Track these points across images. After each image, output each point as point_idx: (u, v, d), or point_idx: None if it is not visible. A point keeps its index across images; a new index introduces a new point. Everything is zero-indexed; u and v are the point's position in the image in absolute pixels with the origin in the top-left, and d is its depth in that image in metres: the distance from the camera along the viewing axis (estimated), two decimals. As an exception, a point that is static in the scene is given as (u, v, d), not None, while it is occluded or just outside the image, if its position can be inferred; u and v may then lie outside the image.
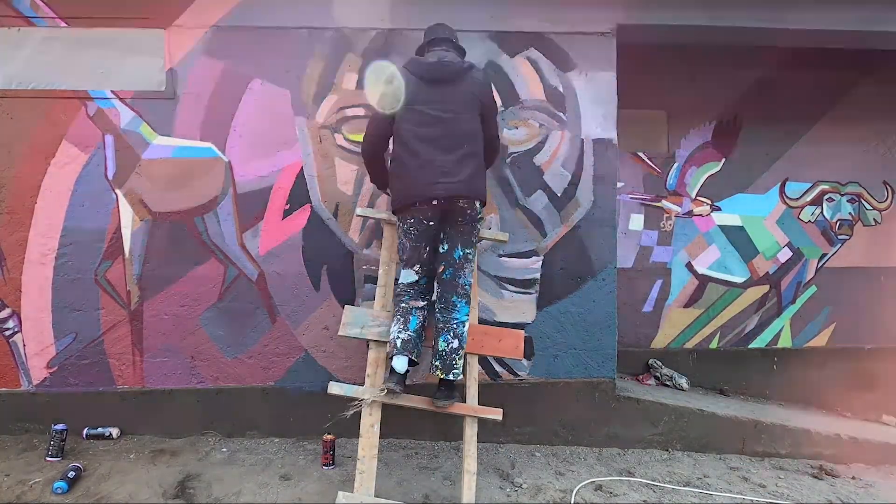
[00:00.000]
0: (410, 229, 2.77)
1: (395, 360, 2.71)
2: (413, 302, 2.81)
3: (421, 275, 2.84)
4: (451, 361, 2.76)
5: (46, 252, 3.31)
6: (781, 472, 3.40)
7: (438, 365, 2.76)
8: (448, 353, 2.75)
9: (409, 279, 2.84)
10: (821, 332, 4.73)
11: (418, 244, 2.79)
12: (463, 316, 2.81)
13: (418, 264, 2.83)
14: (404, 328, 2.75)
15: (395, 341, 2.74)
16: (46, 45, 3.32)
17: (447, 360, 2.75)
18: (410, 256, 2.82)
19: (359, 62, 3.42)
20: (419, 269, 2.84)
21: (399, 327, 2.76)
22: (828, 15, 3.61)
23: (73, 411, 3.29)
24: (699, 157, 4.59)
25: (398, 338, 2.73)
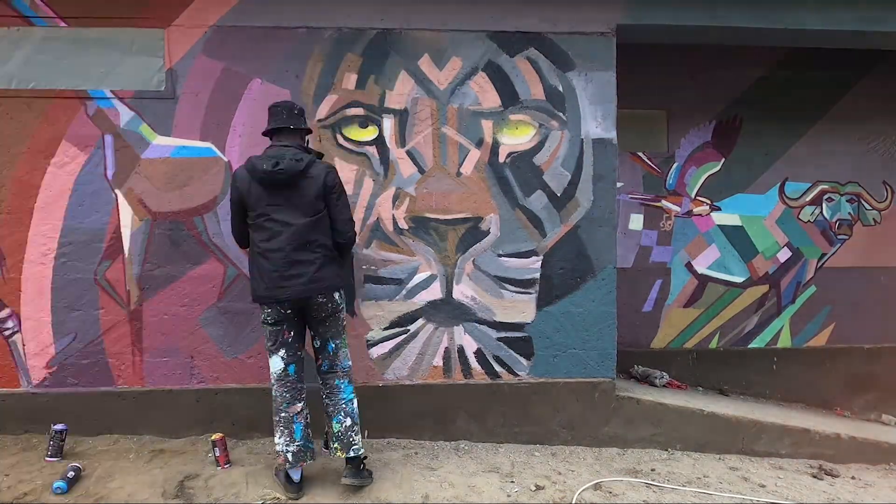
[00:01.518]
0: (268, 318, 2.80)
1: (293, 472, 2.81)
2: (291, 408, 2.81)
3: (287, 360, 2.82)
4: (348, 440, 2.82)
5: (46, 252, 3.31)
6: (781, 472, 3.40)
7: (337, 446, 2.83)
8: (344, 433, 2.82)
9: (277, 367, 2.82)
10: (820, 331, 4.73)
11: (279, 329, 2.81)
12: (349, 394, 2.89)
13: (283, 349, 2.82)
14: (291, 440, 2.78)
15: (286, 455, 2.77)
16: (46, 44, 3.32)
17: (344, 440, 2.82)
18: (275, 342, 2.82)
19: (359, 61, 3.42)
20: (284, 354, 2.82)
21: (286, 440, 2.78)
22: (827, 15, 3.61)
23: (72, 411, 3.28)
24: (699, 157, 4.60)
25: (287, 451, 2.77)
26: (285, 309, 2.78)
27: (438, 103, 3.45)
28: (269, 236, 2.73)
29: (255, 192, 2.74)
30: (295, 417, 2.81)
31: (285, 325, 2.81)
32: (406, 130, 3.45)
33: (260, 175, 2.71)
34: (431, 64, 3.45)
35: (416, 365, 3.50)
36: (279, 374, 2.83)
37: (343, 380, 2.89)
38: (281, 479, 2.83)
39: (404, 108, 3.44)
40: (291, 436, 2.79)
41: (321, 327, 2.86)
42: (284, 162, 2.71)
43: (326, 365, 2.90)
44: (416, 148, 3.46)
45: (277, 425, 2.80)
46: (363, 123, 3.43)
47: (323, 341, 2.89)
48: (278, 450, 2.79)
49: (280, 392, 2.82)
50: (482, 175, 3.48)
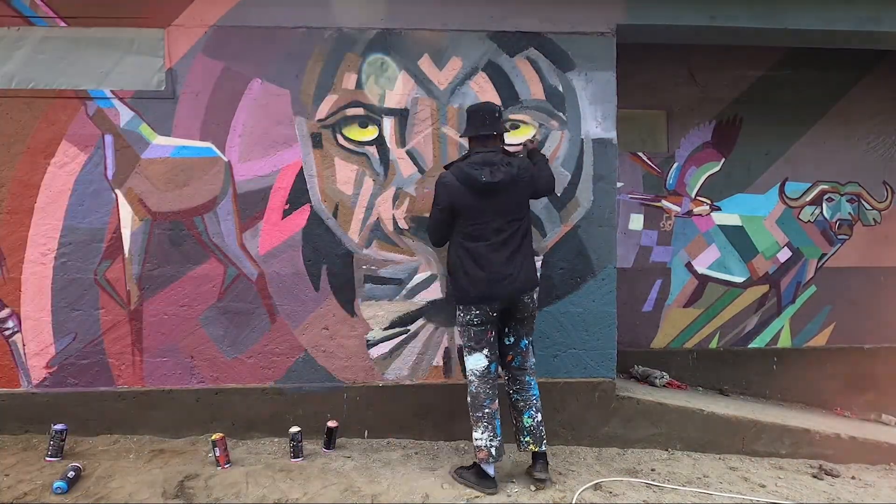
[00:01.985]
0: (475, 319, 2.88)
1: (489, 468, 2.87)
2: (493, 405, 2.90)
3: (490, 359, 2.92)
4: (540, 434, 2.95)
5: (46, 252, 3.31)
6: (781, 472, 3.40)
7: (529, 440, 2.94)
8: (535, 427, 2.94)
9: (480, 364, 2.91)
10: (820, 331, 4.73)
11: (484, 328, 2.90)
12: (537, 391, 3.02)
13: (487, 348, 2.92)
14: (494, 435, 2.86)
15: (489, 450, 2.84)
16: (46, 44, 3.32)
17: (536, 434, 2.94)
18: (478, 342, 2.91)
19: (358, 61, 3.42)
20: (488, 353, 2.92)
21: (489, 435, 2.85)
22: (827, 15, 3.61)
23: (72, 411, 3.29)
24: (699, 157, 4.59)
25: (491, 446, 2.84)
26: (493, 310, 2.87)
27: (438, 103, 3.45)
28: (482, 239, 2.84)
29: (467, 201, 2.83)
30: (496, 413, 2.89)
31: (490, 325, 2.90)
32: (406, 130, 3.45)
33: (480, 186, 2.80)
34: (431, 64, 3.45)
35: (417, 365, 3.50)
36: (482, 372, 2.90)
37: (533, 377, 3.01)
38: (471, 478, 2.89)
39: (404, 108, 3.44)
40: (494, 431, 2.85)
41: (520, 325, 2.97)
42: (500, 171, 2.83)
43: (518, 361, 3.00)
44: (417, 148, 3.46)
45: (480, 421, 2.86)
46: (363, 123, 3.43)
47: (517, 338, 2.99)
48: (480, 444, 2.84)
49: (483, 388, 2.89)
50: (482, 175, 3.48)
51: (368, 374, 3.48)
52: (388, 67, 3.43)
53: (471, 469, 2.93)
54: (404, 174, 3.45)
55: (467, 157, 2.93)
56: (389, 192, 3.45)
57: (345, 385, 3.47)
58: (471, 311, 2.88)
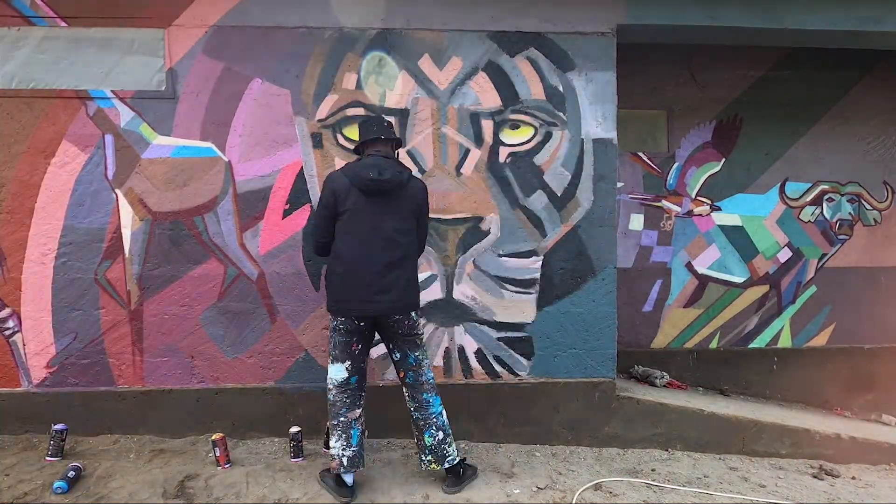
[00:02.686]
0: (340, 327, 2.79)
1: (347, 476, 2.79)
2: (350, 413, 2.79)
3: (351, 372, 2.81)
4: (441, 452, 2.86)
5: (46, 252, 3.31)
6: (781, 472, 3.40)
7: (430, 459, 2.86)
8: (437, 446, 2.86)
9: (339, 375, 2.81)
10: (821, 331, 4.73)
11: (349, 340, 2.80)
12: (438, 407, 2.90)
13: (349, 361, 2.81)
14: (347, 445, 2.76)
15: (341, 458, 2.75)
16: (46, 44, 3.32)
17: (438, 453, 2.86)
18: (341, 352, 2.81)
19: (359, 62, 3.42)
20: (349, 366, 2.81)
21: (342, 444, 2.76)
22: (828, 15, 3.61)
23: (73, 411, 3.29)
24: (699, 157, 4.60)
25: (343, 455, 2.75)
26: (360, 321, 2.77)
27: (439, 103, 3.46)
28: (360, 246, 2.73)
29: (352, 199, 2.74)
30: (353, 423, 2.80)
31: (356, 337, 2.81)
32: (406, 130, 3.45)
33: (366, 182, 2.73)
34: (431, 64, 3.45)
35: (417, 365, 3.50)
36: (340, 382, 2.81)
37: (430, 393, 2.90)
38: (330, 484, 2.80)
39: (405, 108, 3.44)
40: (349, 440, 2.77)
41: (400, 341, 2.87)
42: (388, 172, 2.75)
43: (411, 377, 2.89)
44: (417, 148, 3.46)
45: (335, 429, 2.78)
46: (363, 123, 3.43)
47: (403, 353, 2.89)
48: (333, 453, 2.77)
49: (340, 397, 2.80)
50: (482, 175, 3.48)
51: (368, 374, 3.47)
52: (386, 64, 3.43)
53: (331, 475, 2.82)
54: (404, 174, 3.45)
55: (358, 160, 2.87)
56: (390, 192, 3.45)
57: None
58: (337, 318, 2.79)
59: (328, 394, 2.84)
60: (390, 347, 2.92)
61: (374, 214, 2.75)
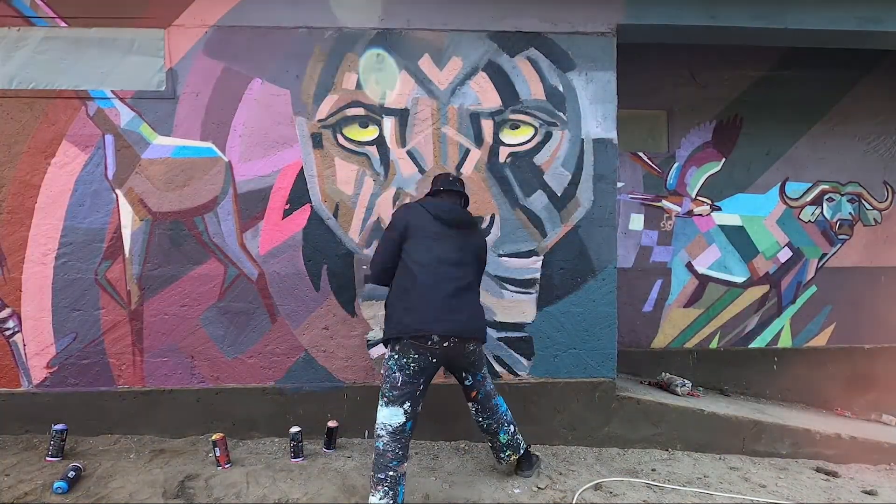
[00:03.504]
0: (411, 364, 2.60)
1: None
2: (401, 467, 2.57)
3: (409, 416, 2.61)
4: (516, 443, 3.00)
5: (46, 252, 3.31)
6: (781, 472, 3.40)
7: (510, 452, 3.00)
8: (511, 439, 2.98)
9: (395, 420, 2.57)
10: (821, 331, 4.73)
11: (415, 380, 2.62)
12: (503, 405, 2.99)
13: (408, 402, 2.60)
14: (395, 503, 2.53)
15: None
16: (46, 44, 3.32)
17: (514, 444, 3.00)
18: (402, 393, 2.60)
19: (359, 61, 3.42)
20: (409, 409, 2.61)
21: (388, 501, 2.51)
22: (828, 15, 3.61)
23: (73, 411, 3.29)
24: (699, 157, 4.60)
25: None
26: (433, 356, 2.62)
27: (439, 103, 3.46)
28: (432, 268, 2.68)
29: (426, 223, 2.76)
30: (402, 478, 2.58)
31: (424, 376, 2.64)
32: (406, 130, 3.45)
33: (442, 211, 2.80)
34: (432, 64, 3.45)
35: (417, 365, 3.50)
36: (395, 429, 2.57)
37: (496, 398, 2.96)
38: None
39: (405, 108, 3.44)
40: (395, 498, 2.53)
41: (471, 367, 2.84)
42: (460, 213, 2.87)
43: (483, 392, 2.91)
44: (417, 148, 3.46)
45: (381, 483, 2.53)
46: (363, 123, 3.43)
47: (474, 375, 2.88)
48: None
49: (392, 447, 2.56)
50: (482, 175, 3.48)
51: (369, 374, 3.48)
52: (385, 61, 3.42)
53: None
54: (404, 174, 3.45)
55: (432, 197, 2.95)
56: (390, 193, 3.45)
57: (345, 385, 3.47)
58: (408, 355, 2.59)
59: (377, 440, 2.58)
60: (463, 377, 2.88)
61: (446, 242, 2.76)
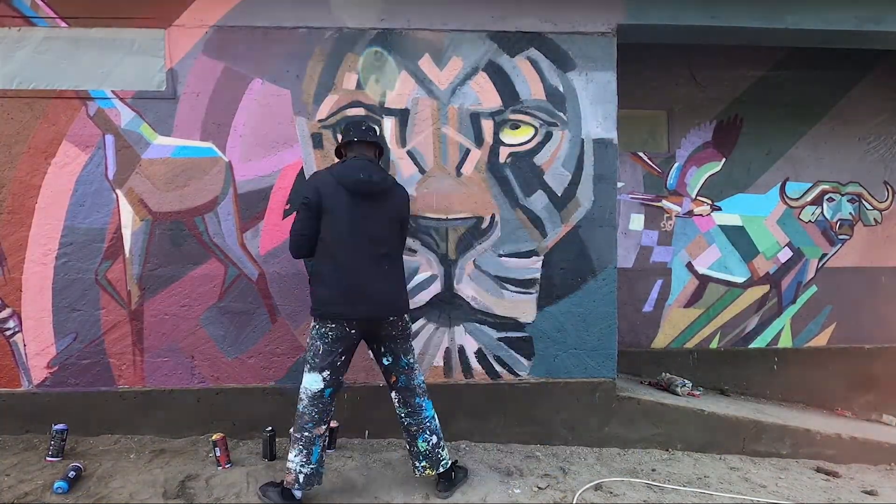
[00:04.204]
0: (330, 334, 2.67)
1: (297, 492, 2.66)
2: (316, 429, 2.67)
3: (328, 383, 2.69)
4: (436, 457, 2.82)
5: (47, 252, 3.31)
6: (782, 472, 3.40)
7: (426, 464, 2.82)
8: (431, 451, 2.82)
9: (314, 385, 2.67)
10: (821, 331, 4.73)
11: (333, 349, 2.68)
12: (430, 411, 2.86)
13: (328, 371, 2.68)
14: (307, 461, 2.64)
15: (297, 475, 2.63)
16: (47, 44, 3.32)
17: (432, 457, 2.82)
18: (322, 361, 2.68)
19: (359, 62, 3.42)
20: (328, 376, 2.69)
21: (301, 459, 2.63)
22: (828, 15, 3.61)
23: (73, 411, 3.29)
24: (699, 157, 4.60)
25: (301, 472, 2.63)
26: (352, 328, 2.69)
27: (439, 103, 3.46)
28: (350, 247, 2.66)
29: (340, 199, 2.66)
30: (317, 439, 2.68)
31: (343, 346, 2.70)
32: (407, 130, 3.45)
33: (355, 182, 2.67)
34: (432, 64, 3.45)
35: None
36: (314, 393, 2.68)
37: (423, 397, 2.85)
38: (275, 497, 2.67)
39: (405, 108, 3.44)
40: (309, 457, 2.65)
41: (393, 344, 2.81)
42: (376, 175, 2.72)
43: (404, 380, 2.83)
44: (417, 148, 3.46)
45: (296, 442, 2.66)
46: (364, 123, 3.43)
47: (394, 357, 2.82)
48: (290, 467, 2.65)
49: (309, 410, 2.68)
50: (482, 175, 3.48)
51: (369, 374, 3.48)
52: (384, 59, 3.42)
53: (277, 487, 2.70)
54: (405, 174, 3.45)
55: (343, 162, 2.83)
56: (390, 193, 3.45)
57: (345, 385, 3.46)
58: (326, 325, 2.66)
59: (299, 403, 2.71)
60: (381, 352, 2.83)
61: (360, 216, 2.68)
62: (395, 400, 2.87)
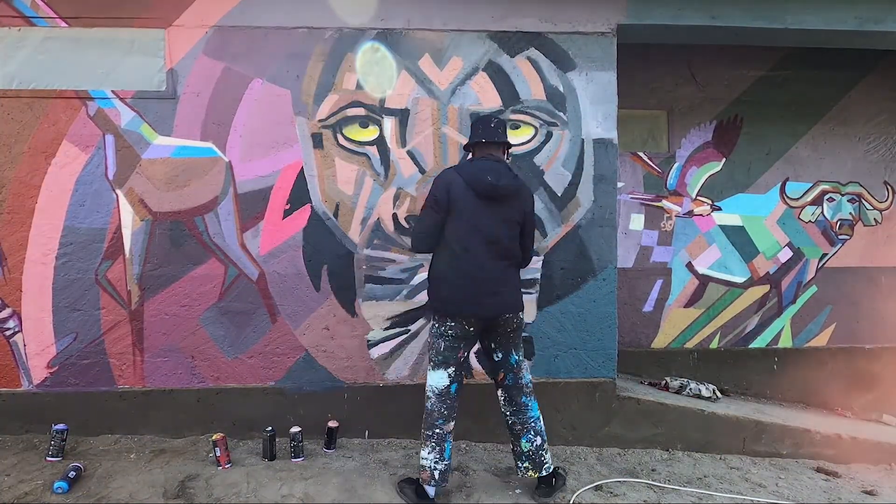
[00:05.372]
0: (450, 332, 2.73)
1: (430, 489, 2.72)
2: (447, 426, 2.74)
3: (453, 379, 2.76)
4: (539, 459, 2.82)
5: (47, 252, 3.31)
6: (782, 472, 3.40)
7: (528, 466, 2.82)
8: (535, 452, 2.81)
9: (440, 383, 2.74)
10: (821, 332, 4.73)
11: (457, 346, 2.75)
12: (536, 412, 2.87)
13: (453, 367, 2.76)
14: (440, 458, 2.70)
15: (432, 472, 2.69)
16: (47, 44, 3.32)
17: (536, 459, 2.81)
18: (447, 358, 2.74)
19: (359, 62, 3.42)
20: (453, 373, 2.76)
21: (435, 456, 2.70)
22: (828, 15, 3.61)
23: (73, 411, 3.29)
24: (700, 157, 4.60)
25: (435, 468, 2.69)
26: (471, 325, 2.72)
27: (439, 103, 3.46)
28: (474, 248, 2.68)
29: (468, 201, 2.67)
30: (448, 435, 2.74)
31: (464, 343, 2.75)
32: (407, 130, 3.45)
33: (483, 185, 2.67)
34: (432, 64, 3.45)
35: (417, 365, 3.50)
36: (441, 391, 2.74)
37: (530, 397, 2.86)
38: (410, 494, 2.74)
39: (405, 108, 3.44)
40: (442, 453, 2.70)
41: (506, 340, 2.83)
42: (505, 178, 2.71)
43: (511, 378, 2.85)
44: (417, 148, 3.46)
45: (429, 440, 2.71)
46: (364, 123, 3.43)
47: (505, 353, 2.84)
48: (425, 465, 2.69)
49: (439, 407, 2.73)
50: (483, 175, 3.48)
51: (369, 374, 3.48)
52: (384, 58, 3.42)
53: (412, 485, 2.78)
54: (405, 174, 3.45)
55: (471, 161, 2.83)
56: (390, 193, 3.45)
57: (345, 385, 3.47)
58: (446, 323, 2.73)
59: (426, 402, 2.76)
60: (492, 348, 2.85)
61: (486, 218, 2.69)
62: (501, 398, 2.89)
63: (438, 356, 2.75)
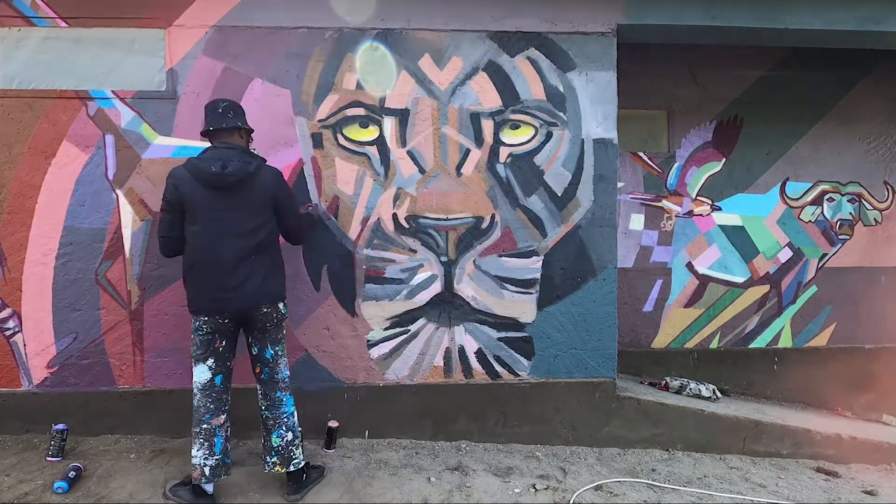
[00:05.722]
0: (203, 327, 2.69)
1: (207, 486, 2.67)
2: (214, 420, 2.68)
3: (215, 371, 2.71)
4: (288, 454, 2.76)
5: (47, 252, 3.31)
6: (782, 472, 3.40)
7: (276, 461, 2.75)
8: (284, 448, 2.76)
9: (202, 377, 2.70)
10: (821, 331, 4.73)
11: (211, 339, 2.70)
12: (290, 408, 2.82)
13: (212, 358, 2.71)
14: (210, 454, 2.65)
15: (202, 468, 2.64)
16: (47, 44, 3.32)
17: (285, 454, 2.76)
18: (203, 351, 2.70)
19: (359, 62, 3.42)
20: (213, 364, 2.71)
21: (204, 452, 2.64)
22: (827, 15, 3.61)
23: (73, 411, 3.29)
24: (700, 157, 4.60)
25: (206, 465, 2.64)
26: (224, 319, 2.68)
27: (439, 103, 3.46)
28: (210, 243, 2.62)
29: (197, 195, 2.61)
30: (217, 430, 2.69)
31: (219, 334, 2.71)
32: (407, 130, 3.45)
33: (207, 176, 2.60)
34: (432, 64, 3.45)
35: (417, 365, 3.50)
36: (204, 384, 2.70)
37: (285, 392, 2.82)
38: (185, 496, 2.67)
39: (405, 108, 3.44)
40: (211, 449, 2.66)
41: (262, 335, 2.79)
42: (233, 164, 2.62)
43: (267, 373, 2.81)
44: (417, 148, 3.46)
45: (197, 437, 2.67)
46: (364, 123, 3.43)
47: (261, 348, 2.80)
48: (195, 463, 2.64)
49: (204, 402, 2.69)
50: (483, 175, 3.48)
51: (369, 374, 3.48)
52: (383, 56, 3.42)
53: (187, 486, 2.69)
54: (405, 174, 3.45)
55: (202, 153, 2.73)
56: (390, 192, 3.45)
57: (345, 385, 3.47)
58: (199, 319, 2.67)
59: (193, 398, 2.72)
60: (249, 341, 2.81)
61: (223, 210, 2.62)
62: (258, 392, 2.84)
63: (197, 351, 2.71)
